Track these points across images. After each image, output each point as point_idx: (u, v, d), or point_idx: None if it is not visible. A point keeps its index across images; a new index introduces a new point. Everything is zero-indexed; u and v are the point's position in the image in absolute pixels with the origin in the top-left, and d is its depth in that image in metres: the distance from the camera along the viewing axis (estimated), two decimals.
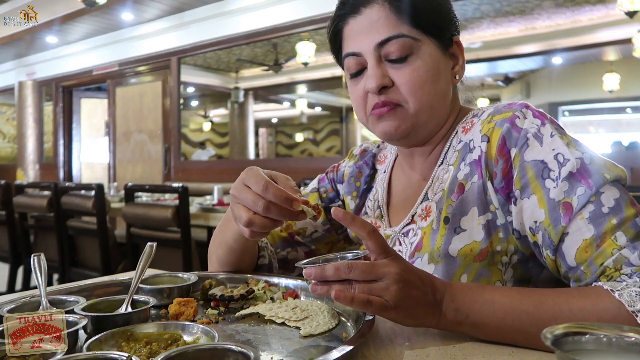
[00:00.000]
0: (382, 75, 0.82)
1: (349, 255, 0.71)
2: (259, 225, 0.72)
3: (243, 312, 0.80)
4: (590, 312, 0.63)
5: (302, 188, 1.14)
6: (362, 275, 0.63)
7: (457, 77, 0.89)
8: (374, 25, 0.83)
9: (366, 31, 0.83)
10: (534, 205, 0.73)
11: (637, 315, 0.60)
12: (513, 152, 0.75)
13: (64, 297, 0.81)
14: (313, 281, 0.65)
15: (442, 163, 0.89)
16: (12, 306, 0.75)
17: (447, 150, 0.89)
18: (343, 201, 1.08)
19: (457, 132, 0.88)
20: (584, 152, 0.73)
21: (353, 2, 0.86)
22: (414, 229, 0.89)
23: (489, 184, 0.78)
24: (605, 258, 0.67)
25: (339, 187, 1.09)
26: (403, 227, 0.91)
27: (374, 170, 1.06)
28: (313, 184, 1.12)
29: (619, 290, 0.62)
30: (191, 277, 0.92)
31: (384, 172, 1.03)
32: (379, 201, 1.00)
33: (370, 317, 0.68)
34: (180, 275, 0.94)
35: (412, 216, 0.90)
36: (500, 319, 0.65)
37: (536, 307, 0.65)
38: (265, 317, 0.77)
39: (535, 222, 0.73)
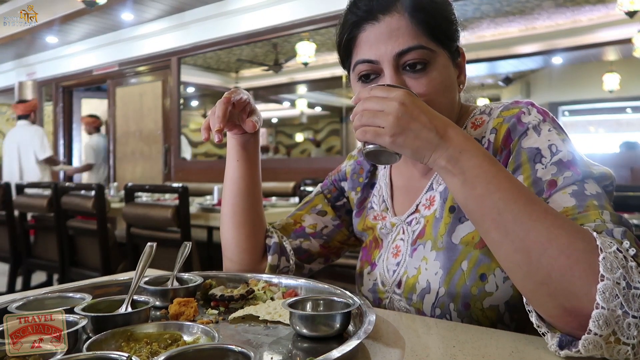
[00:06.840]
0: (401, 83, 0.82)
1: (338, 304, 0.74)
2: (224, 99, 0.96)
3: (235, 314, 0.79)
4: (567, 245, 0.60)
5: (302, 189, 1.14)
6: (375, 104, 0.70)
7: (461, 87, 0.92)
8: (394, 33, 0.82)
9: (385, 39, 0.83)
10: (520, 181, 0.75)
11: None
12: (514, 140, 0.81)
13: (70, 294, 0.82)
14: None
15: None
16: (19, 304, 0.76)
17: None
18: (348, 197, 1.13)
19: (466, 127, 0.91)
20: (575, 152, 0.77)
21: (368, 8, 0.84)
22: (417, 217, 0.93)
23: None
24: (587, 221, 0.67)
25: (343, 184, 1.13)
26: (408, 216, 0.95)
27: (374, 167, 1.10)
28: (317, 189, 1.17)
29: (606, 251, 0.59)
30: (197, 279, 0.92)
31: (384, 167, 1.06)
32: (383, 196, 1.04)
33: (371, 317, 0.68)
34: (184, 276, 0.93)
35: (417, 205, 0.94)
36: (493, 185, 0.65)
37: (531, 198, 0.65)
38: (260, 318, 0.77)
39: None
